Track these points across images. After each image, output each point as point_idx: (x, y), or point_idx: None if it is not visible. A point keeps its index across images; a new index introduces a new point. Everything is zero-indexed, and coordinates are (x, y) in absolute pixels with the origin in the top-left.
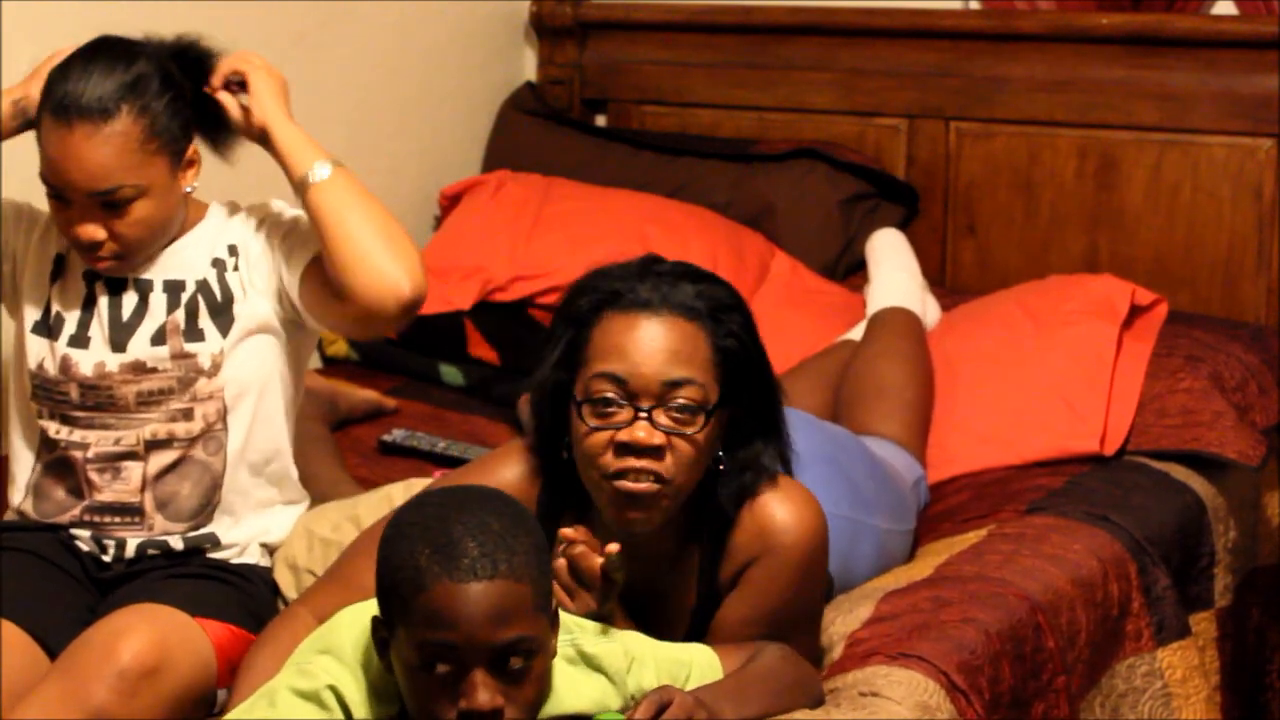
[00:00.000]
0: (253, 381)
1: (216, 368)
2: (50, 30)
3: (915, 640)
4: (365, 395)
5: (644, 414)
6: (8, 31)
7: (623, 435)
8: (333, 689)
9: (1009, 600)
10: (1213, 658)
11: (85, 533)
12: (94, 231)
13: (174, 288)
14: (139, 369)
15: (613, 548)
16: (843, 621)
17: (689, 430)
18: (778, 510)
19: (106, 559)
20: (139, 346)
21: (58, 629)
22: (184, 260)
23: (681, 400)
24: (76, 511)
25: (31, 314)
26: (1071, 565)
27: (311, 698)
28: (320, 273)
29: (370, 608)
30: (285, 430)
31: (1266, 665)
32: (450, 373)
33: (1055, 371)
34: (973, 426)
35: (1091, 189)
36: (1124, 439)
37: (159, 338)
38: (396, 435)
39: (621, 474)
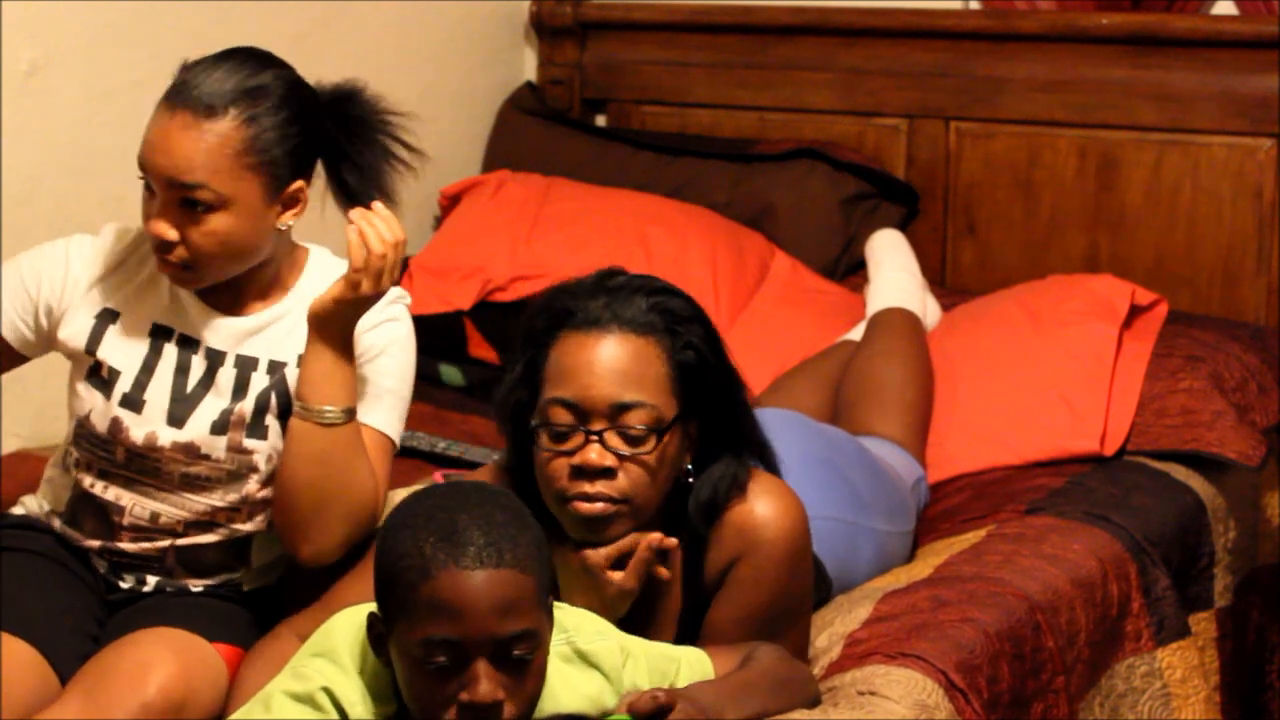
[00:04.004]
0: None
1: (272, 469)
2: (50, 30)
3: (914, 640)
4: None
5: (595, 437)
6: (8, 31)
7: (575, 459)
8: (327, 690)
9: (1008, 600)
10: (1212, 658)
11: (104, 563)
12: (166, 230)
13: (246, 365)
14: (191, 452)
15: (670, 542)
16: (842, 621)
17: (640, 451)
18: (757, 507)
19: (124, 585)
20: (197, 428)
21: (67, 646)
22: (267, 338)
23: (632, 422)
24: (96, 545)
25: (81, 360)
26: (1071, 565)
27: (306, 700)
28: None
29: (364, 610)
30: None
31: (1266, 665)
32: (450, 373)
33: (1055, 371)
34: (973, 426)
35: (1091, 189)
36: (1124, 439)
37: (221, 426)
38: None
39: (576, 497)
